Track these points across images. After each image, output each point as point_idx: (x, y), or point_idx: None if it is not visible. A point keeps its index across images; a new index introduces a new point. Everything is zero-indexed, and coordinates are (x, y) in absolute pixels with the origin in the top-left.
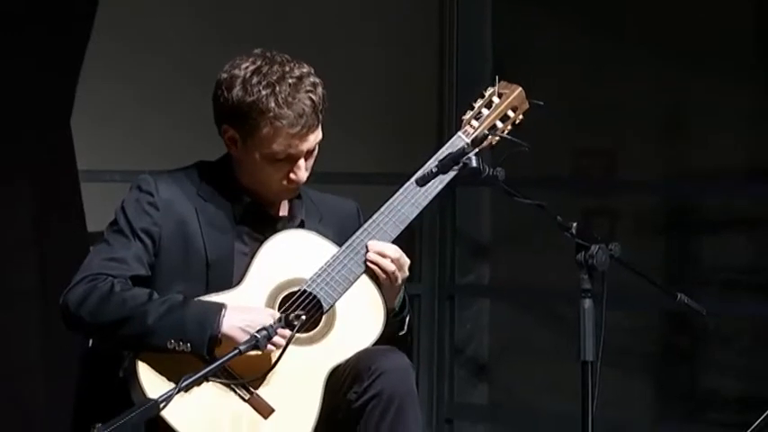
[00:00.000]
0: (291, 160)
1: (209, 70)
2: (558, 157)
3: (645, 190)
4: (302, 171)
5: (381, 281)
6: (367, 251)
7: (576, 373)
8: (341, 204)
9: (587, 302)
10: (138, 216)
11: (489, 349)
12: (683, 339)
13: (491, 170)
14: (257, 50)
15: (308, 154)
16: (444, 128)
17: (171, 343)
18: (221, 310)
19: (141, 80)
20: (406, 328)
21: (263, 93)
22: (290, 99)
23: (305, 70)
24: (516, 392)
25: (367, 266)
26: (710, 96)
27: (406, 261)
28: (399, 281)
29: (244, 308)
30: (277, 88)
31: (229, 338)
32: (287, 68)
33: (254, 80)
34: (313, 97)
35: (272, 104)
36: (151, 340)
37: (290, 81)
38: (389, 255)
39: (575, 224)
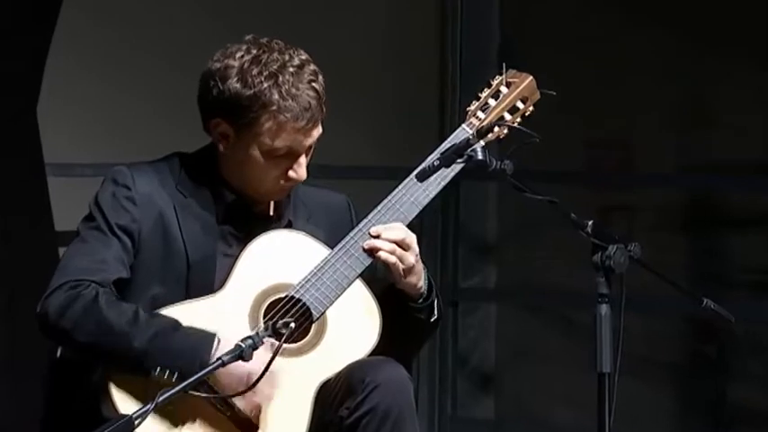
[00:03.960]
0: (292, 156)
1: (189, 57)
2: (571, 148)
3: (666, 184)
4: (303, 168)
5: (392, 269)
6: (363, 251)
7: (591, 384)
8: (330, 199)
9: (604, 308)
10: (116, 212)
11: (496, 359)
12: (709, 348)
13: (498, 163)
14: (248, 37)
15: (307, 150)
16: (446, 117)
17: (157, 371)
18: (213, 341)
19: (115, 65)
20: (437, 311)
21: (266, 84)
22: (293, 90)
23: (304, 57)
24: (525, 406)
25: (363, 266)
26: (736, 80)
27: (413, 239)
28: (412, 262)
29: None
30: (280, 78)
31: (222, 372)
32: (286, 57)
33: (254, 70)
34: (317, 87)
35: (276, 96)
36: (135, 365)
37: (292, 70)
38: (392, 238)
39: (590, 222)
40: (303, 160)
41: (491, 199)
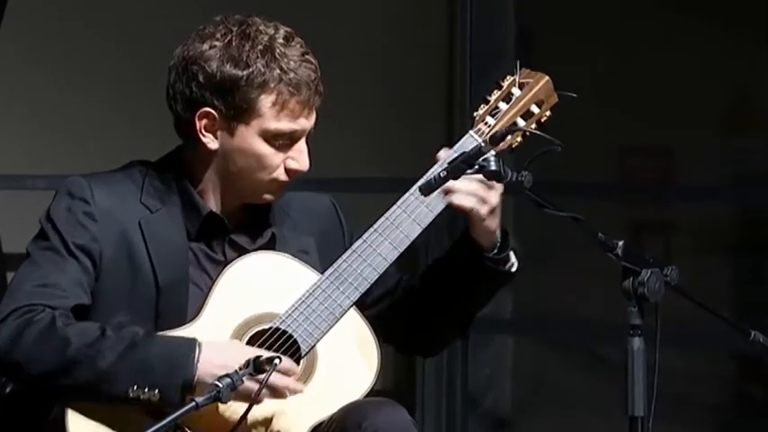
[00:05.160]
0: (293, 140)
1: (154, 58)
2: (599, 157)
3: (709, 197)
4: (305, 156)
5: (471, 214)
6: (358, 275)
7: (622, 430)
8: (314, 203)
9: (637, 342)
10: (73, 229)
11: (512, 400)
12: (757, 388)
13: (515, 174)
14: (217, 18)
15: (306, 137)
16: (455, 119)
17: (133, 390)
18: (195, 348)
19: (70, 66)
20: (514, 260)
21: (262, 60)
22: (291, 63)
23: (288, 29)
24: None
25: (358, 293)
26: None
27: (489, 188)
28: (495, 202)
29: (221, 346)
30: (276, 52)
31: (205, 386)
32: (271, 30)
33: (245, 47)
34: (311, 60)
35: (277, 71)
36: (107, 388)
37: (282, 42)
38: (468, 190)
39: (620, 242)
40: (304, 147)
41: (506, 216)
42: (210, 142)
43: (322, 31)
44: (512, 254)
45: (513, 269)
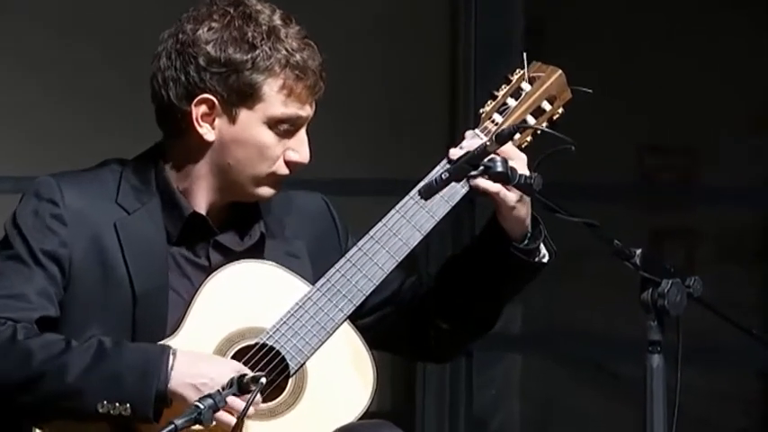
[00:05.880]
0: (295, 128)
1: (129, 54)
2: (615, 157)
3: (735, 201)
4: (305, 147)
5: (498, 201)
6: (352, 287)
7: None
8: (306, 203)
9: (656, 359)
10: (40, 234)
11: (521, 421)
12: None
13: (523, 176)
14: (204, 7)
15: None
16: (458, 118)
17: (103, 405)
18: (168, 354)
19: (38, 61)
20: (545, 251)
21: (268, 42)
22: (296, 45)
23: (281, 11)
24: None
25: (352, 306)
26: None
27: (523, 159)
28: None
29: (198, 355)
30: (282, 32)
31: (181, 398)
32: (268, 11)
33: (249, 28)
34: (311, 43)
35: (283, 52)
36: (75, 403)
37: (279, 22)
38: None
39: (639, 251)
40: (305, 137)
41: None
42: (207, 133)
43: (315, 21)
44: (542, 245)
45: (545, 260)
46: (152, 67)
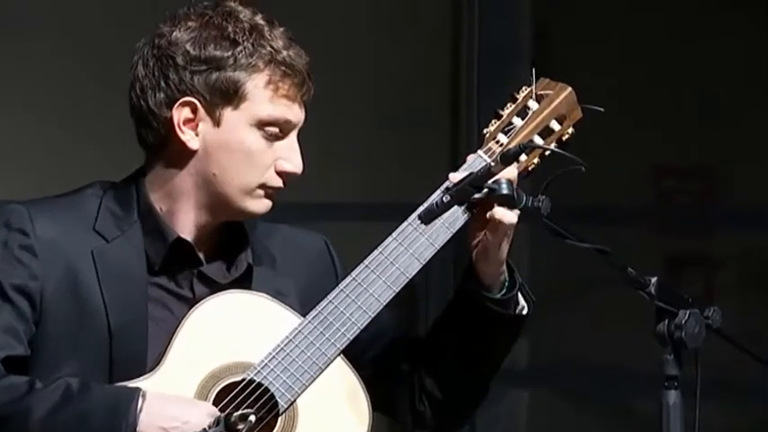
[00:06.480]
0: (285, 132)
1: (111, 64)
2: (629, 179)
3: (756, 225)
4: (297, 155)
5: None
6: (346, 319)
7: None
8: (303, 240)
9: (673, 395)
10: (9, 267)
11: None
12: None
13: (530, 199)
14: (181, 10)
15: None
16: (461, 136)
17: None
18: (136, 398)
19: (10, 77)
20: (524, 301)
21: (251, 40)
22: (282, 44)
23: (264, 13)
24: None
25: (346, 340)
26: None
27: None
28: (514, 220)
29: (169, 397)
30: (265, 31)
31: None
32: (249, 11)
33: (230, 25)
34: (298, 45)
35: (268, 50)
36: None
37: (263, 22)
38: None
39: (654, 279)
40: (296, 145)
41: (522, 248)
42: (190, 140)
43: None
44: (519, 296)
45: (525, 312)
46: (129, 78)
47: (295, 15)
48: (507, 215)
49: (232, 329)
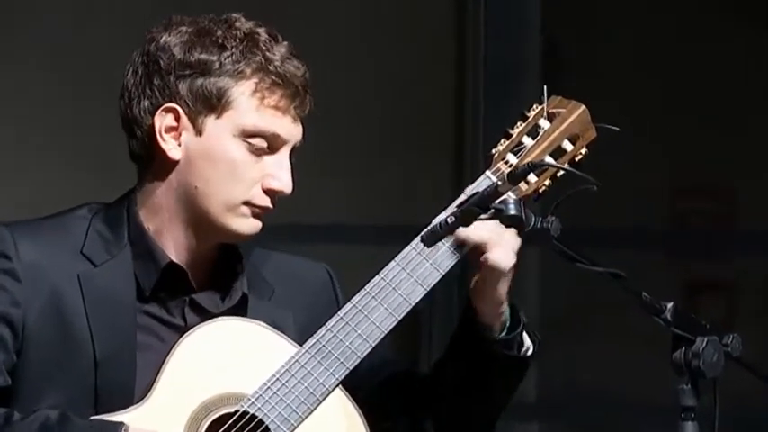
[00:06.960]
0: (273, 148)
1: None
2: (645, 200)
3: None
4: (287, 174)
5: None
6: (345, 348)
7: None
8: (303, 270)
9: (690, 427)
10: None
11: None
12: None
13: (540, 221)
14: (176, 16)
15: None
16: (466, 155)
17: None
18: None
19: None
20: (530, 341)
21: (242, 45)
22: (278, 55)
23: (268, 28)
24: None
25: (345, 370)
26: None
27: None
28: (513, 259)
29: None
30: (261, 39)
31: None
32: (251, 24)
33: (221, 29)
34: (300, 59)
35: (259, 58)
36: None
37: (260, 30)
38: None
39: (670, 305)
40: (287, 163)
41: (530, 272)
42: (172, 149)
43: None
44: (525, 336)
45: (530, 353)
46: (122, 87)
47: (294, 21)
48: (503, 261)
49: (225, 358)
